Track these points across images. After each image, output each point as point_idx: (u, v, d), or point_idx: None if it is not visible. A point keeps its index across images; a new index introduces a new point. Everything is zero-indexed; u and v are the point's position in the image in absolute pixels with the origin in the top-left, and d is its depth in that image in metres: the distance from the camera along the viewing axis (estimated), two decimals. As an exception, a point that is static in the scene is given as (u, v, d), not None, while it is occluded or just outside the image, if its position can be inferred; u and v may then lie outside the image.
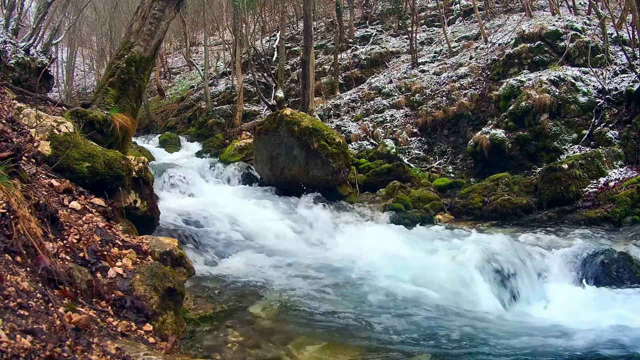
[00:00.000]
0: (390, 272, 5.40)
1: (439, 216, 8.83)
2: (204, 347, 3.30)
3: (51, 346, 1.79)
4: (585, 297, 5.02)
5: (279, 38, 20.10)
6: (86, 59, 33.04)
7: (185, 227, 6.53)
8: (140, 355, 2.09)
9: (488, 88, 12.79)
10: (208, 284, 4.71)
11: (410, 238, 7.08)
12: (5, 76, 8.08)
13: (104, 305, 2.59)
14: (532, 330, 4.20)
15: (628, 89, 9.77)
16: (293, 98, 17.93)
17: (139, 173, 4.83)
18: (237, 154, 12.62)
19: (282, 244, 6.68)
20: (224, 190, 9.42)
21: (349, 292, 4.84)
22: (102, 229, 3.23)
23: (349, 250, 6.29)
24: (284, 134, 9.28)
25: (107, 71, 6.57)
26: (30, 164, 3.39)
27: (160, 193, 7.71)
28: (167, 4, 6.57)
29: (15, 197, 2.44)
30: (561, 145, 10.08)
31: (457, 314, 4.43)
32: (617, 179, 8.53)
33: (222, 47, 26.34)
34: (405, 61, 17.01)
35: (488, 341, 3.77)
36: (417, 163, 12.20)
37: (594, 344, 3.73)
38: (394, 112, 13.93)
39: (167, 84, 25.94)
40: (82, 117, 5.09)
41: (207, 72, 20.73)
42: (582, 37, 11.94)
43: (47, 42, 11.93)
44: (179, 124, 20.42)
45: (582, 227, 7.49)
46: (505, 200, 8.63)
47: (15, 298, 1.95)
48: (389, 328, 3.95)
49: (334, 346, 3.51)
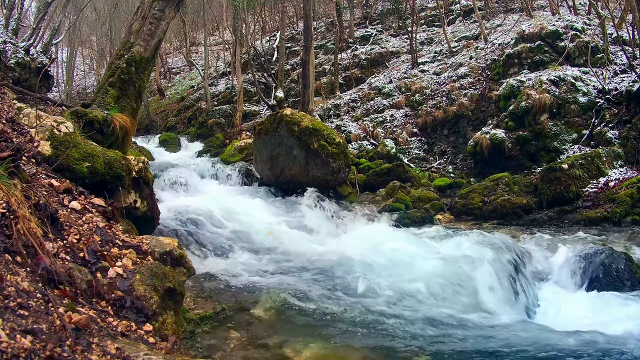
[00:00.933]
0: (390, 272, 5.39)
1: (439, 216, 8.83)
2: (204, 347, 3.30)
3: (51, 346, 1.79)
4: (584, 297, 5.02)
5: (279, 38, 20.11)
6: (86, 59, 33.05)
7: (185, 227, 6.52)
8: (140, 355, 2.09)
9: (488, 88, 12.79)
10: (208, 284, 4.71)
11: (410, 238, 7.07)
12: (5, 76, 8.08)
13: (104, 305, 2.59)
14: (532, 332, 4.20)
15: (628, 89, 9.77)
16: (293, 98, 17.93)
17: (139, 173, 4.83)
18: (237, 154, 12.61)
19: (282, 244, 6.68)
20: (224, 190, 9.41)
21: (349, 292, 4.84)
22: (102, 229, 3.22)
23: (349, 250, 6.28)
24: (284, 134, 9.28)
25: (107, 71, 6.57)
26: (30, 164, 3.39)
27: (160, 193, 7.70)
28: (167, 4, 6.57)
29: (15, 197, 2.44)
30: (561, 145, 10.08)
31: (456, 316, 4.42)
32: (617, 179, 8.53)
33: (222, 47, 26.35)
34: (405, 61, 17.01)
35: (487, 343, 3.77)
36: (417, 163, 12.20)
37: (593, 347, 3.72)
38: (394, 112, 13.93)
39: (167, 84, 25.94)
40: (82, 117, 5.08)
41: (207, 72, 20.73)
42: (582, 37, 11.94)
43: (47, 42, 11.93)
44: (179, 124, 20.42)
45: (582, 227, 7.49)
46: (505, 200, 8.63)
47: (15, 298, 1.95)
48: (389, 328, 3.95)
49: (333, 346, 3.51)
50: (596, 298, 4.93)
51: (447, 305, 4.65)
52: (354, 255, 5.99)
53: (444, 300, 4.79)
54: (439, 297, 4.83)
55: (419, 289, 4.96)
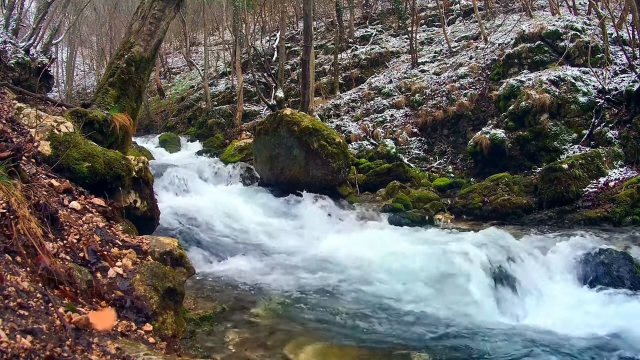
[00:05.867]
0: (390, 272, 5.40)
1: (439, 216, 8.83)
2: (204, 347, 3.30)
3: (51, 346, 1.79)
4: (584, 298, 5.02)
5: (279, 38, 20.10)
6: (86, 59, 33.03)
7: (185, 227, 6.53)
8: (140, 355, 2.09)
9: (488, 88, 12.79)
10: (208, 284, 4.71)
11: (410, 238, 7.08)
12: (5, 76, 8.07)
13: (104, 305, 2.59)
14: (531, 332, 4.20)
15: (628, 89, 9.77)
16: (293, 98, 17.93)
17: (139, 173, 4.83)
18: (237, 154, 12.61)
19: (282, 244, 6.69)
20: (224, 190, 9.42)
21: (349, 292, 4.84)
22: (102, 229, 3.22)
23: (349, 250, 6.29)
24: (284, 134, 9.28)
25: (107, 71, 6.57)
26: (30, 164, 3.39)
27: (160, 193, 7.70)
28: (167, 4, 6.57)
29: (15, 197, 2.44)
30: (561, 145, 10.08)
31: (455, 315, 4.42)
32: (617, 179, 8.53)
33: (222, 47, 26.34)
34: (405, 61, 17.01)
35: (485, 343, 3.77)
36: (417, 163, 12.19)
37: (592, 347, 3.72)
38: (394, 112, 13.93)
39: (167, 84, 25.93)
40: (82, 117, 5.08)
41: (207, 72, 20.73)
42: (582, 37, 11.93)
43: (47, 42, 11.92)
44: (179, 124, 20.42)
45: (582, 227, 7.48)
46: (505, 200, 8.63)
47: (15, 298, 1.95)
48: (388, 328, 3.95)
49: (333, 346, 3.51)
50: (596, 298, 4.93)
51: (445, 306, 4.65)
52: (354, 255, 6.00)
53: (443, 300, 4.79)
54: (438, 298, 4.82)
55: (418, 289, 4.96)
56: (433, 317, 4.29)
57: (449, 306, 4.63)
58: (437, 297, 4.81)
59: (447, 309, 4.54)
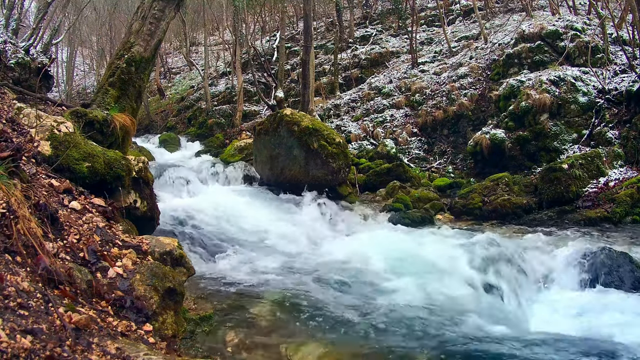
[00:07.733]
0: (389, 272, 5.40)
1: (439, 216, 8.83)
2: (204, 347, 3.30)
3: (51, 346, 1.79)
4: (585, 298, 5.02)
5: (279, 38, 20.11)
6: (86, 59, 33.03)
7: (185, 227, 6.53)
8: (140, 355, 2.09)
9: (488, 88, 12.79)
10: (208, 284, 4.71)
11: (409, 238, 7.08)
12: (5, 76, 8.07)
13: (104, 305, 2.59)
14: (531, 333, 4.20)
15: (628, 89, 9.77)
16: (293, 98, 17.93)
17: (139, 173, 4.83)
18: (237, 153, 12.62)
19: (282, 244, 6.68)
20: (224, 190, 9.42)
21: (348, 292, 4.84)
22: (102, 229, 3.22)
23: (349, 250, 6.29)
24: (284, 134, 9.28)
25: (107, 71, 6.57)
26: (30, 164, 3.39)
27: (160, 193, 7.70)
28: (167, 4, 6.57)
29: (15, 197, 2.44)
30: (561, 145, 10.08)
31: (455, 316, 4.42)
32: (617, 179, 8.53)
33: (222, 47, 26.34)
34: (405, 61, 17.00)
35: (485, 344, 3.77)
36: (417, 163, 12.20)
37: (592, 347, 3.72)
38: (394, 112, 13.93)
39: (167, 84, 25.93)
40: (82, 117, 5.08)
41: (207, 72, 20.73)
42: (582, 37, 11.93)
43: (47, 42, 11.91)
44: (179, 124, 20.42)
45: (582, 227, 7.49)
46: (505, 200, 8.63)
47: (15, 298, 1.95)
48: (388, 328, 3.95)
49: (333, 346, 3.51)
50: (596, 298, 4.93)
51: (445, 306, 4.65)
52: (354, 255, 6.00)
53: (443, 300, 4.79)
54: (437, 298, 4.82)
55: (418, 289, 4.96)
56: (433, 318, 4.28)
57: (449, 307, 4.63)
58: (437, 298, 4.81)
59: (447, 310, 4.53)
